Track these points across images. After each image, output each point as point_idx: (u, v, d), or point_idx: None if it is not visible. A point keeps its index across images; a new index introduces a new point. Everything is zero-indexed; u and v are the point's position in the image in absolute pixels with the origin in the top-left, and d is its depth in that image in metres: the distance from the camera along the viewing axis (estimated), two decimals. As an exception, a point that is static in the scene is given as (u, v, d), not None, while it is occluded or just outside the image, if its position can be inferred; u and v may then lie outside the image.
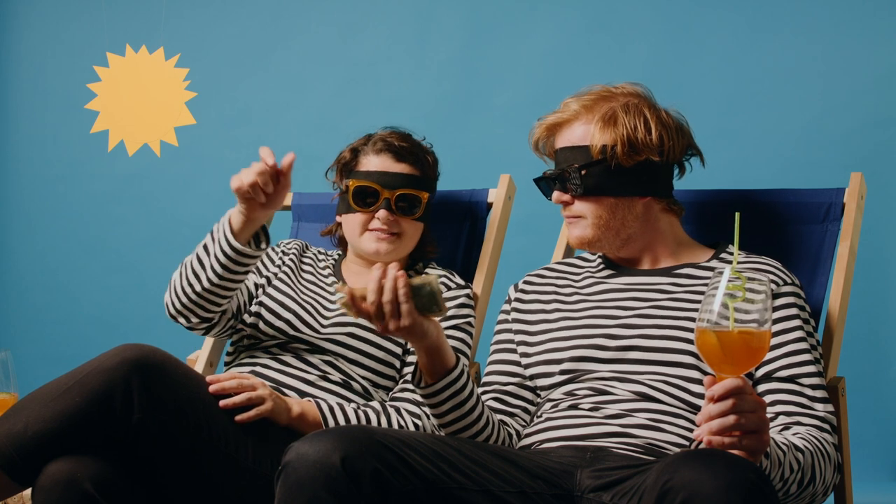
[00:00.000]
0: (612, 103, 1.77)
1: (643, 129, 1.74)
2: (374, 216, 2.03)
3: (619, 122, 1.74)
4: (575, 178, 1.75)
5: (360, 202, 2.03)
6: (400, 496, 1.37)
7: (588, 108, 1.78)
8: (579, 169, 1.74)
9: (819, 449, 1.52)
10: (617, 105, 1.76)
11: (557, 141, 1.81)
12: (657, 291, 1.74)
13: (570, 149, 1.77)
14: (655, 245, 1.79)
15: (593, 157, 1.74)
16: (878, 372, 3.15)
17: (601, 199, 1.75)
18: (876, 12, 3.15)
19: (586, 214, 1.76)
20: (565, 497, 1.49)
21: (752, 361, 1.30)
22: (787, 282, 1.71)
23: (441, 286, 1.60)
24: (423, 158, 2.09)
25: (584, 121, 1.77)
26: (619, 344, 1.68)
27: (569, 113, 1.79)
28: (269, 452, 1.71)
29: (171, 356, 1.69)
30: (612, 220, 1.75)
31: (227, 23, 3.93)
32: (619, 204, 1.75)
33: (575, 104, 1.79)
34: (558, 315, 1.79)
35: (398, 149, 2.05)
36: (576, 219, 1.78)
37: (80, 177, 4.06)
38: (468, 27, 3.61)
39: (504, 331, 1.86)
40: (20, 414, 1.58)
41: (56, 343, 4.01)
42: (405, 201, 2.04)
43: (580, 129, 1.77)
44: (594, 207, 1.75)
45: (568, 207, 1.78)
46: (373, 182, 2.02)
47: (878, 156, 3.12)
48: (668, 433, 1.60)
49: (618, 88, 1.80)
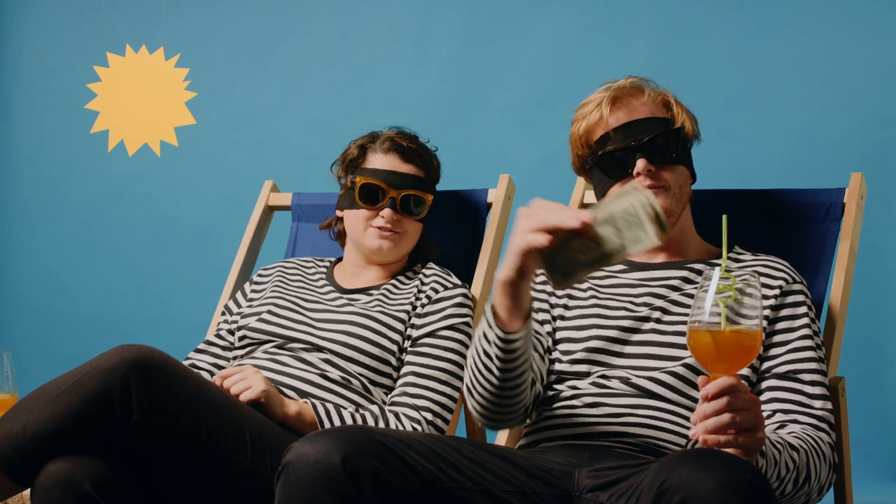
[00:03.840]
0: (661, 90, 1.81)
1: (691, 116, 1.80)
2: (378, 214, 2.04)
3: (680, 104, 1.79)
4: (668, 144, 1.74)
5: (367, 199, 2.05)
6: (400, 496, 1.37)
7: (643, 90, 1.78)
8: (672, 133, 1.74)
9: (814, 448, 1.52)
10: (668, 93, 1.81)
11: (626, 114, 1.76)
12: (668, 287, 1.74)
13: (649, 120, 1.75)
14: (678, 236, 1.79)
15: (675, 126, 1.75)
16: (879, 372, 3.15)
17: (682, 170, 1.76)
18: (876, 12, 3.15)
19: (671, 183, 1.74)
20: (564, 497, 1.49)
21: (744, 360, 1.31)
22: (797, 280, 1.72)
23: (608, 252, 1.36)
24: (429, 161, 2.13)
25: (650, 97, 1.77)
26: (630, 338, 1.69)
27: (630, 89, 1.78)
28: (268, 453, 1.71)
29: (170, 357, 1.69)
30: (683, 192, 1.76)
31: (227, 23, 3.93)
32: (689, 179, 1.79)
33: (628, 85, 1.79)
34: (573, 304, 1.79)
35: (406, 149, 2.08)
36: (659, 189, 1.74)
37: (80, 177, 4.06)
38: (468, 27, 3.61)
39: (540, 300, 1.82)
40: (20, 414, 1.58)
41: (56, 343, 4.01)
42: (409, 202, 2.07)
43: (651, 104, 1.77)
44: (677, 177, 1.75)
45: (652, 178, 1.73)
46: (380, 180, 2.05)
47: (879, 156, 3.12)
48: (668, 432, 1.60)
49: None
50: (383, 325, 1.98)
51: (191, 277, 3.90)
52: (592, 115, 1.77)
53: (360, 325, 1.98)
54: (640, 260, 1.79)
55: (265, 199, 2.51)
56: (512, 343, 1.50)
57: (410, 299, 2.03)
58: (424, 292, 2.03)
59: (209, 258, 3.81)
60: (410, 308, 2.02)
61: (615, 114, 1.76)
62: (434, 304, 2.02)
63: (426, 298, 2.02)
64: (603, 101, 1.76)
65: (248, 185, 2.95)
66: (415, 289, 2.05)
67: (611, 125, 1.75)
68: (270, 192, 2.52)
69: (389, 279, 2.11)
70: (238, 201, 3.37)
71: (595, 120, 1.77)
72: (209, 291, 2.76)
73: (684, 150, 1.78)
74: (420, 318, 2.01)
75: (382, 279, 2.11)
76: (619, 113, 1.76)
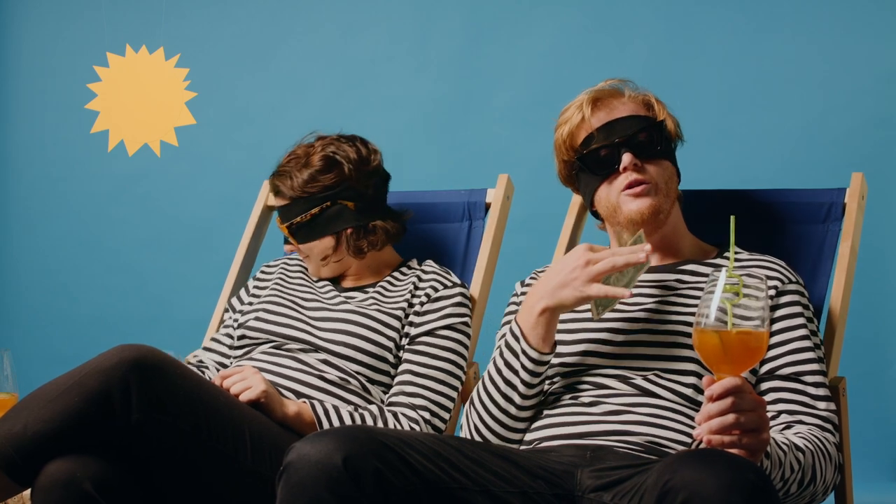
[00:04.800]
0: (641, 91, 1.81)
1: (673, 117, 1.81)
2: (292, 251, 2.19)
3: (661, 103, 1.80)
4: (652, 139, 1.74)
5: (286, 240, 2.24)
6: (401, 496, 1.37)
7: (622, 92, 1.79)
8: (655, 128, 1.74)
9: (820, 449, 1.52)
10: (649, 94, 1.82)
11: (608, 113, 1.77)
12: (662, 288, 1.74)
13: (631, 117, 1.75)
14: (670, 235, 1.79)
15: (658, 121, 1.76)
16: (879, 372, 3.15)
17: (667, 165, 1.76)
18: (876, 12, 3.15)
19: (658, 179, 1.74)
20: (566, 497, 1.49)
21: (750, 361, 1.31)
22: (792, 280, 1.71)
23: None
24: (298, 181, 2.05)
25: (630, 97, 1.79)
26: (622, 339, 1.68)
27: (610, 90, 1.79)
28: (268, 452, 1.71)
29: (170, 356, 1.69)
30: (670, 189, 1.76)
31: (227, 23, 3.93)
32: (675, 176, 1.78)
33: (607, 87, 1.80)
34: None
35: (279, 186, 2.08)
36: (646, 185, 1.73)
37: (80, 177, 4.06)
38: (468, 27, 3.61)
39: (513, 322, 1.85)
40: (20, 414, 1.58)
41: (56, 343, 4.01)
42: (297, 231, 2.07)
43: (632, 104, 1.78)
44: (663, 172, 1.75)
45: (638, 173, 1.73)
46: (279, 220, 2.10)
47: (879, 156, 3.12)
48: (669, 430, 1.60)
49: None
50: (379, 323, 1.98)
51: (191, 277, 3.90)
52: (574, 118, 1.78)
53: (356, 324, 1.98)
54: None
55: (265, 199, 2.51)
56: (543, 365, 1.66)
57: (406, 296, 2.03)
58: (423, 290, 2.03)
59: (209, 258, 3.81)
60: (406, 305, 2.02)
61: (596, 114, 1.76)
62: (433, 302, 2.01)
63: (425, 297, 2.02)
64: (583, 102, 1.77)
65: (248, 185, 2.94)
66: (411, 285, 2.05)
67: (593, 125, 1.76)
68: (270, 192, 2.52)
69: (384, 276, 2.11)
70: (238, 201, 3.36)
71: (577, 122, 1.77)
72: (209, 291, 2.75)
73: (668, 146, 1.78)
74: (419, 317, 2.00)
75: (375, 277, 2.11)
76: (601, 113, 1.77)
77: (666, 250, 1.79)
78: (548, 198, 2.51)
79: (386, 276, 2.10)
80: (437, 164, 3.55)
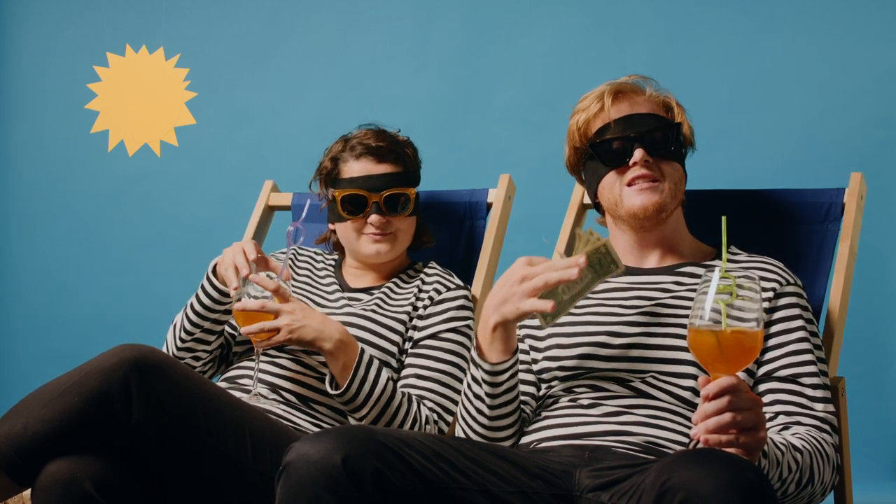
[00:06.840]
0: (664, 93, 1.83)
1: (689, 124, 1.82)
2: (366, 221, 2.03)
3: (681, 107, 1.81)
4: (666, 139, 1.75)
5: (349, 210, 2.04)
6: (400, 496, 1.37)
7: (644, 89, 1.80)
8: (671, 129, 1.76)
9: (818, 449, 1.52)
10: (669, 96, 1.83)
11: (628, 107, 1.78)
12: (660, 290, 1.74)
13: (650, 115, 1.77)
14: (670, 235, 1.79)
15: (675, 122, 1.78)
16: (879, 372, 3.15)
17: (678, 167, 1.78)
18: (876, 12, 3.15)
19: (668, 177, 1.75)
20: (565, 497, 1.49)
21: (745, 360, 1.31)
22: (791, 282, 1.71)
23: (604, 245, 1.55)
24: (403, 153, 2.09)
25: (652, 97, 1.80)
26: (621, 342, 1.68)
27: (633, 85, 1.81)
28: (269, 452, 1.71)
29: (170, 356, 1.69)
30: (678, 189, 1.77)
31: (227, 23, 3.93)
32: (683, 178, 1.80)
33: (631, 81, 1.81)
34: None
35: (377, 149, 2.05)
36: (654, 183, 1.74)
37: (80, 177, 4.06)
38: (468, 27, 3.61)
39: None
40: (20, 414, 1.58)
41: (56, 343, 4.01)
42: (394, 201, 2.04)
43: (652, 103, 1.79)
44: (673, 172, 1.76)
45: (648, 169, 1.74)
46: (358, 188, 2.03)
47: (878, 156, 3.12)
48: (667, 430, 1.60)
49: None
50: (383, 327, 1.98)
51: (191, 277, 3.88)
52: (593, 107, 1.79)
53: (359, 328, 1.98)
54: (632, 264, 1.79)
55: (265, 199, 2.52)
56: (500, 374, 1.62)
57: (411, 300, 2.03)
58: (427, 293, 2.03)
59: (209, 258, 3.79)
60: (411, 309, 2.02)
61: (617, 105, 1.78)
62: (436, 305, 2.01)
63: (428, 300, 2.02)
64: (605, 93, 1.78)
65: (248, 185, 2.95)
66: (415, 289, 2.05)
67: (612, 116, 1.77)
68: (270, 192, 2.52)
69: (390, 279, 2.10)
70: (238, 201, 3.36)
71: (595, 111, 1.78)
72: (209, 291, 2.74)
73: (680, 149, 1.79)
74: (422, 320, 2.00)
75: (383, 279, 2.11)
76: (621, 105, 1.78)
77: (665, 251, 1.79)
78: (548, 198, 2.51)
79: (392, 279, 2.10)
80: (437, 165, 3.54)
